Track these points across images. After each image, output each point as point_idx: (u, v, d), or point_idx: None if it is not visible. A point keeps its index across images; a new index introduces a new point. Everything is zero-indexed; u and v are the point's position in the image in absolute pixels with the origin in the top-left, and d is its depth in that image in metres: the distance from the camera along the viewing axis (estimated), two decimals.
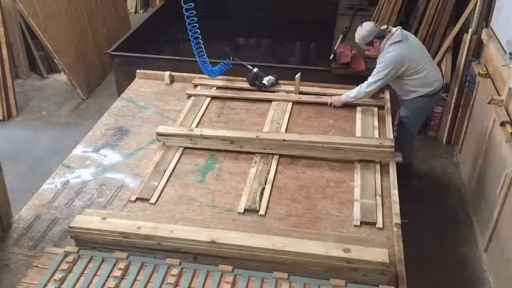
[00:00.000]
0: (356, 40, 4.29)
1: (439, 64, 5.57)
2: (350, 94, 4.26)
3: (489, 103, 4.30)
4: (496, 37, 4.73)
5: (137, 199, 3.32)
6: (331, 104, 4.30)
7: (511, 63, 4.10)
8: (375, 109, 4.27)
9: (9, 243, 3.01)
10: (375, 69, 4.19)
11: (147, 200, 3.30)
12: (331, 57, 5.65)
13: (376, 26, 4.20)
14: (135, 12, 9.91)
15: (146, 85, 4.84)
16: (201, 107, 4.37)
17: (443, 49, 5.51)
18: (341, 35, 6.16)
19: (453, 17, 5.63)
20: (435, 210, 4.65)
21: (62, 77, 7.18)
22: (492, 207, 3.99)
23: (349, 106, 4.32)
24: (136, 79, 4.97)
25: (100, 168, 3.66)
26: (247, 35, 8.15)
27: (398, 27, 4.26)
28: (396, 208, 3.19)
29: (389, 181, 3.44)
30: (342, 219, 3.16)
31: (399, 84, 4.38)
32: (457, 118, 5.50)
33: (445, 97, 5.64)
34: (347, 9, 7.15)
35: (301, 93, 4.50)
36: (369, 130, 3.99)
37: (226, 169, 3.62)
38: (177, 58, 6.14)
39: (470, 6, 5.16)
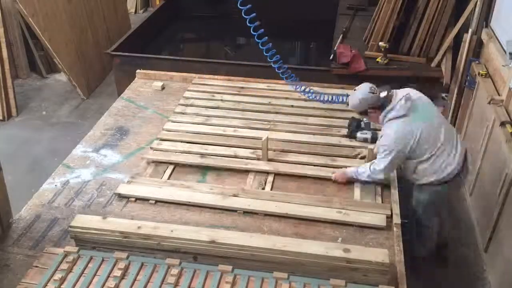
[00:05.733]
0: (350, 107, 3.54)
1: (438, 65, 5.57)
2: (358, 174, 3.43)
3: (489, 103, 4.30)
4: (496, 37, 4.72)
5: (137, 199, 3.31)
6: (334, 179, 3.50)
7: (511, 63, 4.10)
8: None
9: (9, 243, 3.01)
10: (379, 153, 3.39)
11: (147, 200, 3.30)
12: (331, 57, 5.66)
13: (373, 93, 3.32)
14: (135, 12, 9.91)
15: (146, 85, 4.83)
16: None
17: (443, 49, 5.51)
18: (341, 35, 6.17)
19: (453, 17, 5.63)
20: None
21: (62, 77, 7.19)
22: (492, 207, 3.99)
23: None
24: (136, 79, 4.97)
25: (100, 168, 3.66)
26: (247, 35, 8.14)
27: (406, 91, 3.38)
28: (396, 208, 3.19)
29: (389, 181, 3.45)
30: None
31: (404, 164, 3.53)
32: (457, 118, 5.50)
33: (445, 97, 5.64)
34: (347, 9, 7.16)
35: (271, 160, 3.68)
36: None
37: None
38: (177, 58, 6.14)
39: (470, 6, 5.16)
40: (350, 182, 3.47)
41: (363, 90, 3.36)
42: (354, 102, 3.39)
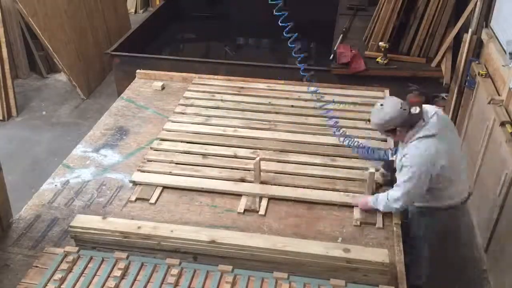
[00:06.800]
0: (372, 125, 3.15)
1: (438, 65, 5.58)
2: (378, 204, 3.11)
3: (489, 103, 4.30)
4: (496, 37, 4.72)
5: (137, 199, 3.32)
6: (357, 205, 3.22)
7: (511, 63, 4.10)
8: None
9: (9, 243, 3.01)
10: (401, 175, 3.00)
11: (147, 200, 3.30)
12: (331, 57, 5.67)
13: (404, 109, 2.94)
14: (135, 12, 9.92)
15: (146, 85, 4.83)
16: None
17: (443, 49, 5.51)
18: (341, 35, 6.17)
19: (453, 17, 5.63)
20: None
21: (62, 77, 7.19)
22: (492, 207, 3.99)
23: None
24: (136, 79, 4.97)
25: (100, 168, 3.66)
26: (247, 35, 8.16)
27: (435, 110, 3.05)
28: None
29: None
30: (342, 219, 3.16)
31: None
32: (457, 118, 5.50)
33: (445, 97, 5.64)
34: (347, 9, 7.16)
35: (263, 182, 3.41)
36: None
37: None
38: (177, 58, 6.15)
39: (470, 6, 5.16)
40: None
41: (393, 106, 2.95)
42: (382, 120, 2.97)
